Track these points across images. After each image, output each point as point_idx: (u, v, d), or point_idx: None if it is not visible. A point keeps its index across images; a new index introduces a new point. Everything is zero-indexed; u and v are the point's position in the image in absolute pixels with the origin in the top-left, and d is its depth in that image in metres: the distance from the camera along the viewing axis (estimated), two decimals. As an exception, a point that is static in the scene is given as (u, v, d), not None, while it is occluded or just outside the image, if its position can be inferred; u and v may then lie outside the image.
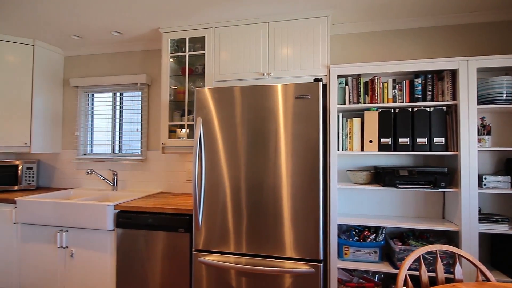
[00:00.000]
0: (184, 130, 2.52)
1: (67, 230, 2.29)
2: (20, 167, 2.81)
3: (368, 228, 2.17)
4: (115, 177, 2.85)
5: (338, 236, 2.09)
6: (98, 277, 2.23)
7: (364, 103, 2.08)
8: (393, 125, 2.01)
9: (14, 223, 2.41)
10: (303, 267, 1.77)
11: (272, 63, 2.24)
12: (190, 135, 2.46)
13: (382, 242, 2.03)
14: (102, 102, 3.09)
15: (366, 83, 2.09)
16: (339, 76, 2.14)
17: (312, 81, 2.00)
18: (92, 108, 3.13)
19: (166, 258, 2.10)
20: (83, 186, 3.04)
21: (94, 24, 2.48)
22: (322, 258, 1.76)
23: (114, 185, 2.85)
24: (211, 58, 2.37)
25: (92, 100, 3.13)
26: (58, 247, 2.31)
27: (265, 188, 1.85)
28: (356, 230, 2.16)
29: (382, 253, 2.04)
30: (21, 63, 2.76)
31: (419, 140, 1.96)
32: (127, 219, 2.17)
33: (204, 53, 2.41)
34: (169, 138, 2.47)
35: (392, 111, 2.02)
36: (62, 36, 2.74)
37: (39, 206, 2.31)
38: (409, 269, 1.89)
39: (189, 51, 2.47)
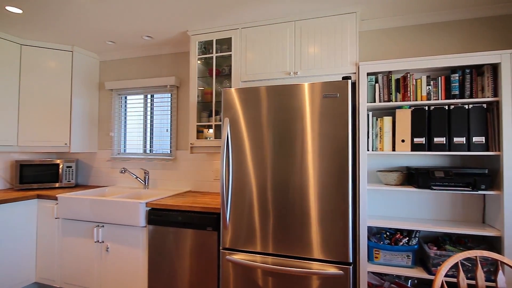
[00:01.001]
0: (211, 130, 2.56)
1: (103, 226, 2.41)
2: (61, 166, 3.00)
3: (400, 231, 2.08)
4: (146, 175, 2.97)
5: (368, 239, 2.03)
6: (131, 271, 2.33)
7: (396, 101, 2.00)
8: (427, 124, 1.92)
9: (56, 218, 2.59)
10: (332, 269, 1.74)
11: (298, 62, 2.22)
12: (217, 135, 2.50)
13: (416, 246, 1.94)
14: (134, 104, 3.22)
15: (397, 80, 2.01)
16: (368, 74, 2.07)
17: (341, 79, 1.96)
18: (125, 110, 3.27)
19: (194, 255, 2.15)
20: (117, 184, 3.19)
21: (127, 29, 2.59)
22: (351, 261, 1.72)
23: (145, 183, 2.97)
24: (237, 58, 2.39)
25: (125, 102, 3.27)
26: (95, 242, 2.44)
27: (291, 188, 1.83)
28: (387, 233, 2.08)
29: (415, 257, 1.95)
30: (61, 68, 2.95)
31: (456, 140, 1.86)
32: (158, 216, 2.25)
33: (230, 54, 2.43)
34: (197, 138, 2.52)
35: (426, 109, 1.92)
36: (97, 42, 2.90)
37: (78, 202, 2.46)
38: (446, 275, 1.79)
39: (216, 53, 2.51)
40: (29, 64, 2.84)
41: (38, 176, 2.90)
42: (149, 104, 3.18)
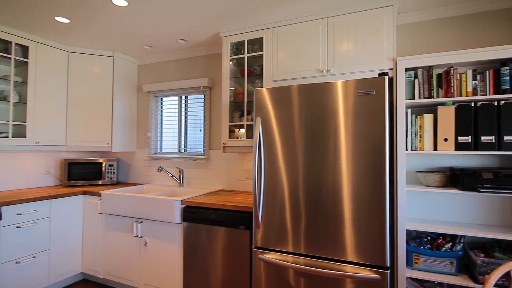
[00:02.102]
0: (242, 130, 2.59)
1: (141, 221, 2.54)
2: (103, 164, 3.20)
3: (443, 236, 1.96)
4: (181, 174, 3.07)
5: (407, 243, 1.93)
6: (167, 266, 2.43)
7: (437, 97, 1.88)
8: (473, 121, 1.78)
9: (99, 213, 2.76)
10: (367, 273, 1.68)
11: (331, 59, 2.16)
12: (249, 135, 2.52)
13: (460, 253, 1.81)
14: (170, 105, 3.35)
15: (439, 75, 1.89)
16: (407, 69, 1.97)
17: (377, 76, 1.88)
18: (161, 111, 3.41)
19: (227, 252, 2.19)
20: (154, 182, 3.34)
21: (163, 34, 2.70)
22: (389, 265, 1.64)
23: (180, 181, 3.07)
24: (269, 58, 2.39)
25: (161, 103, 3.41)
26: (134, 236, 2.57)
27: (324, 188, 1.80)
28: (428, 238, 1.97)
29: (459, 264, 1.83)
30: (103, 73, 3.15)
31: (507, 138, 1.70)
32: (192, 214, 2.32)
33: (262, 54, 2.44)
34: (229, 138, 2.56)
35: (472, 105, 1.79)
36: (136, 46, 3.05)
37: (119, 199, 2.61)
38: (495, 285, 1.65)
39: (247, 53, 2.53)
40: (75, 70, 3.07)
41: (83, 174, 3.12)
42: (183, 105, 3.28)
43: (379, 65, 2.02)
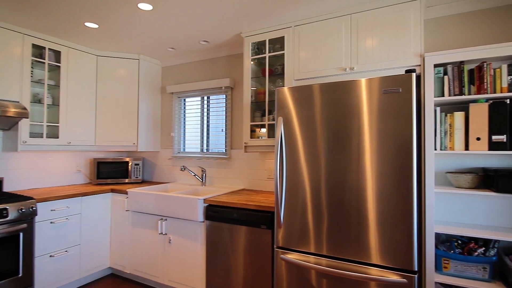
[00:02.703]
0: (263, 129, 2.59)
1: (166, 219, 2.60)
2: (130, 164, 3.32)
3: (475, 240, 1.86)
4: (203, 173, 3.12)
5: (436, 247, 1.85)
6: (191, 263, 2.48)
7: (469, 94, 1.79)
8: (509, 119, 1.68)
9: (126, 211, 2.87)
10: (394, 277, 1.63)
11: (355, 56, 2.12)
12: (270, 135, 2.52)
13: (494, 258, 1.71)
14: (192, 105, 3.41)
15: (471, 71, 1.79)
16: (435, 65, 1.89)
17: (404, 72, 1.82)
18: (184, 111, 3.48)
19: (248, 251, 2.20)
20: (178, 181, 3.41)
21: (186, 36, 2.76)
22: (417, 269, 1.58)
23: (202, 180, 3.12)
24: (290, 57, 2.37)
25: (184, 104, 3.49)
26: (159, 234, 2.65)
27: (347, 189, 1.76)
28: (459, 242, 1.88)
29: (493, 270, 1.73)
30: (129, 75, 3.26)
31: (548, 137, 1.59)
32: (215, 212, 2.35)
33: (283, 53, 2.43)
34: (250, 138, 2.57)
35: (508, 102, 1.68)
36: (159, 49, 3.13)
37: (144, 197, 2.69)
38: (534, 294, 1.55)
39: (269, 52, 2.53)
40: (103, 73, 3.20)
41: (111, 173, 3.25)
42: (205, 106, 3.33)
43: (405, 61, 1.95)
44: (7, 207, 2.17)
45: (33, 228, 2.33)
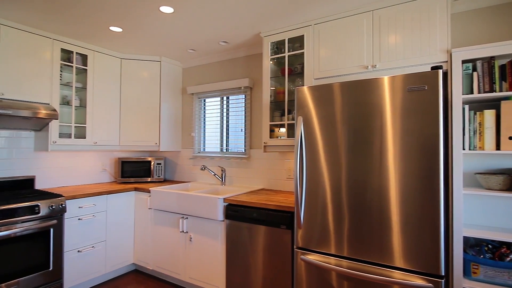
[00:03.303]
0: (282, 129, 2.58)
1: (187, 218, 2.65)
2: (152, 163, 3.41)
3: (507, 244, 1.77)
4: (223, 173, 3.15)
5: (464, 251, 1.78)
6: (211, 261, 2.51)
7: (500, 91, 1.70)
8: (546, 117, 1.58)
9: (149, 209, 2.95)
10: (419, 281, 1.57)
11: (377, 54, 2.06)
12: (290, 134, 2.50)
13: (529, 264, 1.62)
14: (212, 105, 3.45)
15: (502, 67, 1.70)
16: (463, 61, 1.80)
17: (429, 69, 1.76)
18: (204, 112, 3.53)
19: (267, 251, 2.20)
20: (198, 180, 3.47)
21: (206, 37, 2.79)
22: (444, 274, 1.52)
23: (222, 180, 3.16)
24: (310, 56, 2.35)
25: (204, 104, 3.53)
26: (180, 232, 2.70)
27: (369, 189, 1.72)
28: (489, 246, 1.79)
29: (528, 277, 1.63)
30: (151, 77, 3.35)
31: None
32: (235, 212, 2.37)
33: (303, 52, 2.41)
34: (270, 137, 2.57)
35: (545, 99, 1.58)
36: (180, 51, 3.19)
37: (166, 195, 2.75)
38: None
39: (288, 52, 2.51)
40: (127, 75, 3.30)
41: (134, 171, 3.35)
42: (225, 106, 3.36)
43: (431, 58, 1.88)
44: (39, 204, 2.28)
45: (63, 224, 2.44)
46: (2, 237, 2.08)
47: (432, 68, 1.58)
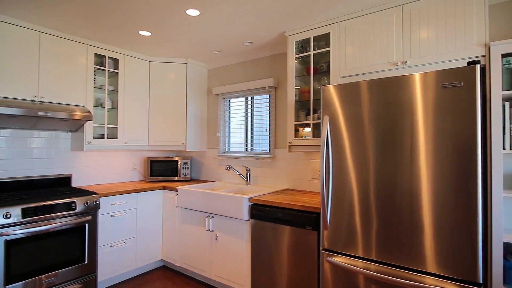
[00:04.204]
0: (307, 129, 2.55)
1: (212, 216, 2.70)
2: (179, 162, 3.50)
3: (555, 252, 1.63)
4: (248, 172, 3.17)
5: (505, 258, 1.66)
6: (236, 260, 2.54)
7: (547, 86, 1.57)
8: None
9: (176, 207, 3.03)
10: (453, 288, 1.49)
11: (407, 50, 1.98)
12: (315, 134, 2.47)
13: None
14: (237, 106, 3.49)
15: (549, 60, 1.57)
16: (503, 55, 1.68)
17: (465, 64, 1.66)
18: (229, 112, 3.57)
19: (293, 252, 2.19)
20: (223, 180, 3.51)
21: (230, 38, 2.82)
22: (481, 281, 1.43)
23: (247, 180, 3.17)
24: (336, 54, 2.30)
25: (229, 105, 3.57)
26: (206, 230, 2.75)
27: (398, 191, 1.65)
28: (534, 253, 1.66)
29: None
30: (178, 79, 3.43)
31: None
32: (260, 211, 2.37)
33: (328, 50, 2.37)
34: (295, 137, 2.55)
35: None
36: (206, 52, 3.25)
37: (193, 194, 2.81)
38: None
39: (313, 50, 2.48)
40: (155, 77, 3.41)
41: (162, 171, 3.46)
42: (249, 106, 3.38)
43: (466, 52, 1.78)
44: (75, 200, 2.42)
45: (97, 220, 2.57)
46: (42, 231, 2.23)
47: (469, 63, 1.49)
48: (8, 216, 2.06)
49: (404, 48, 2.00)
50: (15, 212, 2.10)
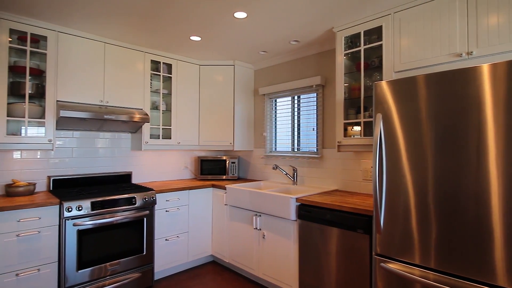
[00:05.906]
0: (356, 127, 2.44)
1: (260, 215, 2.73)
2: (227, 162, 3.61)
3: None
4: (294, 172, 3.15)
5: None
6: (284, 260, 2.54)
7: None
8: None
9: (225, 205, 3.12)
10: (532, 306, 1.31)
11: (473, 39, 1.79)
12: (366, 133, 2.35)
13: None
14: (283, 105, 3.48)
15: None
16: None
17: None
18: (275, 112, 3.58)
19: (342, 255, 2.12)
20: (270, 179, 3.53)
21: (277, 38, 2.83)
22: None
23: (294, 179, 3.15)
24: (389, 47, 2.17)
25: (275, 104, 3.58)
26: (254, 228, 2.79)
27: (462, 195, 1.50)
28: None
29: None
30: (226, 80, 3.54)
31: None
32: (307, 212, 2.34)
33: (381, 44, 2.24)
34: (344, 136, 2.46)
35: None
36: (252, 53, 3.30)
37: (240, 193, 2.88)
38: None
39: (364, 45, 2.37)
40: (205, 80, 3.56)
41: (211, 169, 3.60)
42: (296, 105, 3.35)
43: (548, 38, 1.55)
44: (135, 196, 2.63)
45: (153, 215, 2.77)
46: (108, 223, 2.46)
47: (552, 50, 1.30)
48: (80, 208, 2.32)
49: (469, 37, 1.81)
50: (86, 205, 2.36)
